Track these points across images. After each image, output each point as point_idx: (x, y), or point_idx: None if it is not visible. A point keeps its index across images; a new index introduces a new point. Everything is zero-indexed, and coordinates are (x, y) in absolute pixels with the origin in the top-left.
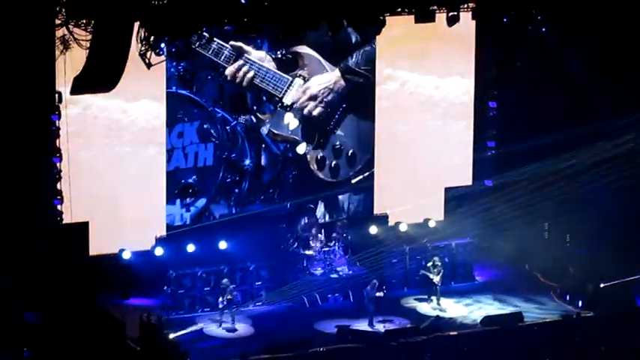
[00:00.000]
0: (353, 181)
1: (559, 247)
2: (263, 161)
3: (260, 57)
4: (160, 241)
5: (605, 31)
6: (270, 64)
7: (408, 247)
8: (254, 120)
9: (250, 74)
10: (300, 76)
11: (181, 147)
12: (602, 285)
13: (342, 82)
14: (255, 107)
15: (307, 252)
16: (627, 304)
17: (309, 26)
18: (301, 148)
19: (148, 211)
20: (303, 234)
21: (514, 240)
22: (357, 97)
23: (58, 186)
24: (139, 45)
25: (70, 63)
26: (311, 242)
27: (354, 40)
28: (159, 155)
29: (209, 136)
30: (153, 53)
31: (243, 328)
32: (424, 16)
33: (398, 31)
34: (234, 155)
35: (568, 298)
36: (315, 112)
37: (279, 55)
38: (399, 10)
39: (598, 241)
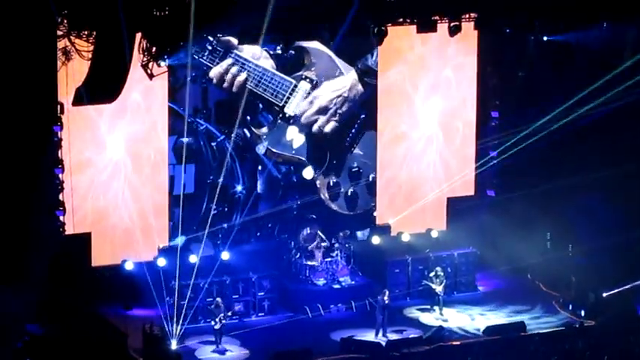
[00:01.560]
0: (376, 213)
1: (561, 257)
2: (259, 188)
3: (254, 53)
4: (162, 251)
5: (605, 39)
6: (267, 63)
7: (411, 257)
8: (247, 135)
9: (242, 76)
10: (306, 78)
11: None
12: (604, 294)
13: (360, 88)
14: (248, 118)
15: (310, 262)
16: (629, 313)
17: (310, 37)
18: (308, 172)
19: (151, 222)
20: (306, 244)
21: (516, 250)
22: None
23: (60, 197)
24: (141, 56)
25: (71, 74)
26: (313, 252)
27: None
28: (162, 166)
29: (189, 156)
30: (155, 64)
31: (238, 350)
32: (426, 27)
33: (400, 41)
34: (221, 180)
35: (570, 307)
36: (327, 129)
37: (280, 51)
38: (401, 20)
39: (600, 250)
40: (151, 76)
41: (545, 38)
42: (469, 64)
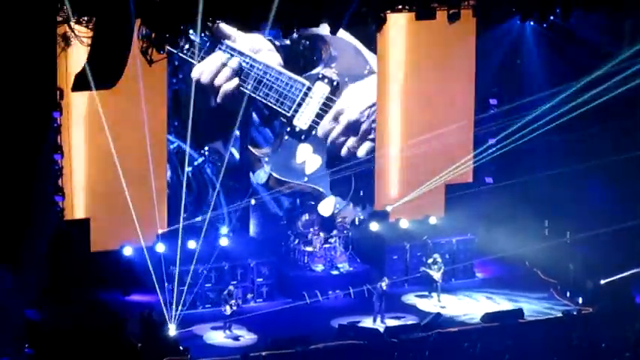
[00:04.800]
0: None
1: (559, 244)
2: (253, 230)
3: (253, 46)
4: (161, 237)
5: (605, 27)
6: (271, 58)
7: (409, 243)
8: (236, 157)
9: (236, 79)
10: (324, 78)
11: None
12: (602, 282)
13: None
14: (237, 134)
15: (308, 248)
16: (627, 300)
17: (310, 24)
18: (326, 206)
19: (150, 207)
20: (304, 230)
21: (514, 237)
22: None
23: (60, 182)
24: (141, 42)
25: (71, 60)
26: (311, 239)
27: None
28: (160, 152)
29: None
30: (154, 50)
31: (247, 334)
32: (425, 14)
33: (398, 28)
34: (200, 219)
35: (568, 294)
36: (360, 152)
37: (288, 42)
38: (400, 7)
39: (598, 237)
40: (150, 62)
41: (544, 25)
42: (467, 52)
